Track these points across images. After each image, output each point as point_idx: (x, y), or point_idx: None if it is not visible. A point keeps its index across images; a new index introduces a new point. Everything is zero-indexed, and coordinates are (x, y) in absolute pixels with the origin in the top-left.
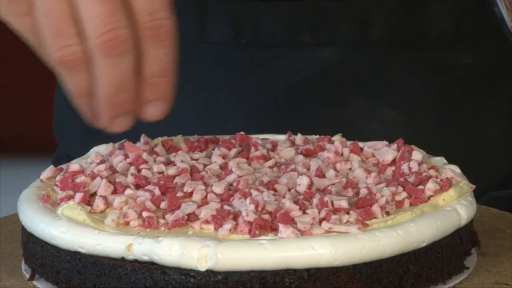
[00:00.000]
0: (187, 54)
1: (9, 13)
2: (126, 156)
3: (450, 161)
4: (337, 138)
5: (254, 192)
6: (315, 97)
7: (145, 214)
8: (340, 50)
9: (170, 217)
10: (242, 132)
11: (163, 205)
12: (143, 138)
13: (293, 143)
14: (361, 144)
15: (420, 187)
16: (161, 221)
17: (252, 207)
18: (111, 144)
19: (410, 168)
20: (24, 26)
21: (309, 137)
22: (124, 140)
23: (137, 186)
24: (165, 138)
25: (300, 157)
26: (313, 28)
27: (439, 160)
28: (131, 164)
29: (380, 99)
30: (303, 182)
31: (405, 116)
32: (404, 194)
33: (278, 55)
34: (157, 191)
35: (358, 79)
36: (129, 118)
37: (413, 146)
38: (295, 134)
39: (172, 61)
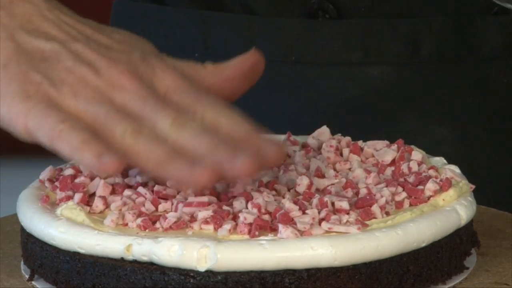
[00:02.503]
0: None
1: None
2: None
3: (500, 178)
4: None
5: (255, 195)
6: (364, 116)
7: (140, 220)
8: (390, 68)
9: (168, 220)
10: None
11: (161, 208)
12: None
13: (293, 143)
14: (361, 144)
15: (420, 187)
16: (159, 224)
17: (254, 211)
18: None
19: (409, 168)
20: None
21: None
22: None
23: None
24: None
25: (300, 157)
26: (363, 46)
27: (439, 160)
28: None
29: (430, 116)
30: (302, 182)
31: (456, 134)
32: (404, 194)
33: (327, 73)
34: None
35: (408, 97)
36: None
37: (412, 146)
38: None
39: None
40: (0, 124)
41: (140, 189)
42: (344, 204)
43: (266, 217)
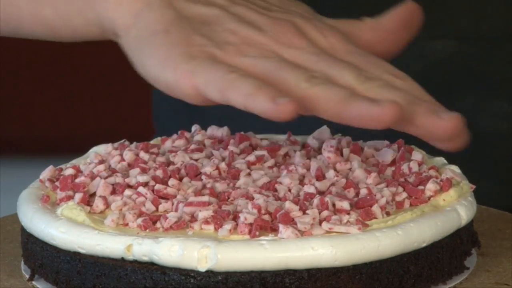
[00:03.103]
0: None
1: None
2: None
3: None
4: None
5: (256, 196)
6: (426, 90)
7: (140, 219)
8: (453, 43)
9: (169, 220)
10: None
11: (161, 208)
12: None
13: (293, 143)
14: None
15: (420, 187)
16: (159, 224)
17: (254, 211)
18: (110, 144)
19: (410, 168)
20: None
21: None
22: (123, 140)
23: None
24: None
25: (300, 157)
26: (426, 20)
27: (439, 160)
28: (130, 164)
29: (492, 92)
30: (309, 190)
31: None
32: (404, 195)
33: None
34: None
35: (470, 73)
36: None
37: (413, 146)
38: None
39: None
40: (166, 90)
41: (141, 189)
42: (345, 204)
43: (267, 217)
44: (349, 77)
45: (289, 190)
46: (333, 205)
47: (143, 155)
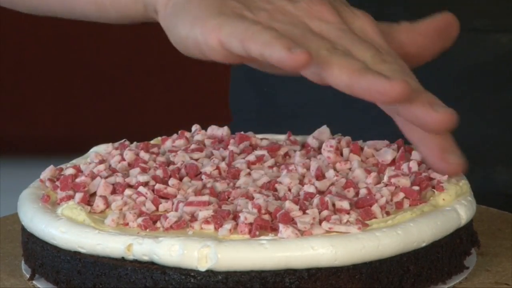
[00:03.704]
0: None
1: None
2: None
3: None
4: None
5: (256, 195)
6: (488, 83)
7: (140, 219)
8: None
9: (169, 219)
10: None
11: (162, 207)
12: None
13: (293, 143)
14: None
15: (415, 187)
16: (159, 223)
17: (254, 211)
18: (110, 144)
19: (409, 168)
20: None
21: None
22: (123, 140)
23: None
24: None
25: (300, 157)
26: (491, 13)
27: None
28: (130, 164)
29: None
30: (309, 190)
31: None
32: (402, 195)
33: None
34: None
35: None
36: None
37: (412, 146)
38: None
39: None
40: (195, 48)
41: (141, 189)
42: (345, 204)
43: (267, 217)
44: (367, 55)
45: (289, 190)
46: (333, 204)
47: (143, 155)
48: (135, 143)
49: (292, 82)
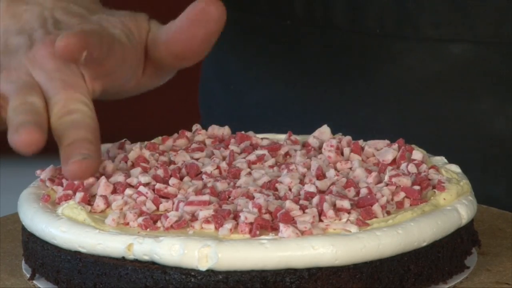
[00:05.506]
0: (316, 41)
1: None
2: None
3: None
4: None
5: (257, 195)
6: (442, 92)
7: (141, 219)
8: (471, 47)
9: (169, 219)
10: (242, 132)
11: (162, 207)
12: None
13: (294, 143)
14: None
15: (416, 187)
16: (160, 223)
17: (255, 210)
18: (110, 144)
19: (407, 171)
20: None
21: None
22: (124, 139)
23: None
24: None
25: (300, 156)
26: (448, 23)
27: (440, 160)
28: (132, 164)
29: (507, 96)
30: (310, 189)
31: None
32: (403, 194)
33: (407, 48)
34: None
35: (487, 77)
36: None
37: (413, 146)
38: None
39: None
40: None
41: (141, 188)
42: (345, 204)
43: (267, 216)
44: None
45: (290, 190)
46: (334, 204)
47: (146, 154)
48: (139, 143)
49: (260, 81)
